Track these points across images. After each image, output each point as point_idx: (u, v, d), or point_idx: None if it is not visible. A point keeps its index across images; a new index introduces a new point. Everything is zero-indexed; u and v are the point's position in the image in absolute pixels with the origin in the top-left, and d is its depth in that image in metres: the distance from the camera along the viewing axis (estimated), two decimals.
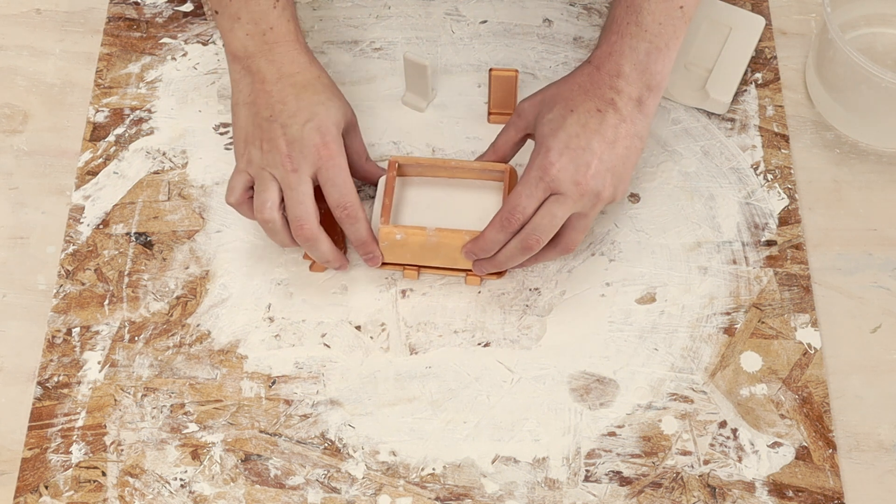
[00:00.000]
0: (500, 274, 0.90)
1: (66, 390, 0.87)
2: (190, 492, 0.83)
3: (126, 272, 0.92)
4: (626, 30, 0.84)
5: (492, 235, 0.84)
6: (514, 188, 0.85)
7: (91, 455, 0.84)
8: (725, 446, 0.84)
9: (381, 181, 0.92)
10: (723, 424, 0.85)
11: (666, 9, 0.84)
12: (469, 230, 0.86)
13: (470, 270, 0.89)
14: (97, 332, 0.89)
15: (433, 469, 0.84)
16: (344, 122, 0.87)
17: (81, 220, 0.94)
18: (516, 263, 0.86)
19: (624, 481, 0.83)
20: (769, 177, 0.96)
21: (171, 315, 0.90)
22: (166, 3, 1.06)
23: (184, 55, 1.03)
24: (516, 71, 0.97)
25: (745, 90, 1.00)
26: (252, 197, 0.86)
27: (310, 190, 0.84)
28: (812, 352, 0.88)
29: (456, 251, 0.86)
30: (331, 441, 0.85)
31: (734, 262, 0.92)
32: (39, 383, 0.87)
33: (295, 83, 0.86)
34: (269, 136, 0.84)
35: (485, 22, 1.05)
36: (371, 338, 0.89)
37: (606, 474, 0.83)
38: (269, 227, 0.85)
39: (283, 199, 0.84)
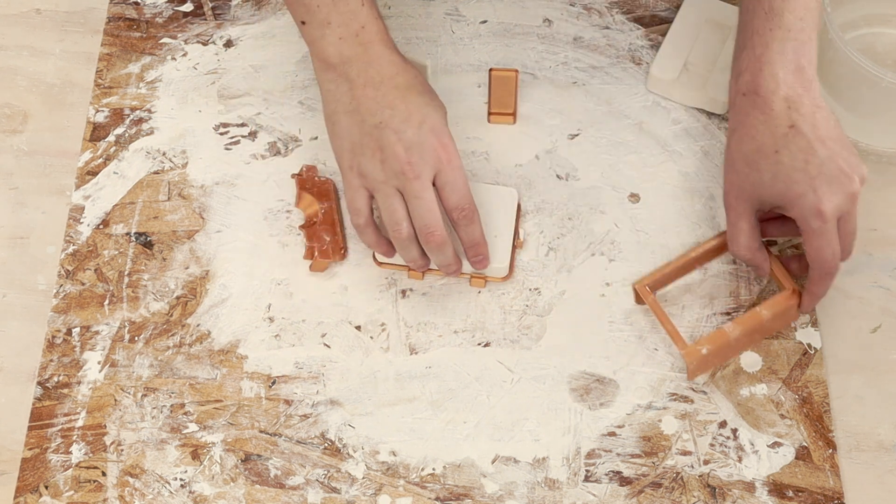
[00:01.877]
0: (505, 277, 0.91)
1: (66, 390, 0.87)
2: (190, 492, 0.83)
3: (126, 272, 0.92)
4: (772, 36, 0.82)
5: (821, 289, 0.83)
6: (810, 248, 0.81)
7: (91, 455, 0.84)
8: (725, 446, 0.84)
9: None
10: (723, 424, 0.85)
11: (805, 2, 0.82)
12: (768, 311, 0.84)
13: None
14: (97, 332, 0.89)
15: (433, 469, 0.84)
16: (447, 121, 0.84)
17: (81, 220, 0.94)
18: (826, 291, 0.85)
19: (624, 481, 0.83)
20: None
21: (171, 315, 0.90)
22: (166, 3, 1.06)
23: (184, 55, 1.03)
24: (516, 71, 0.97)
25: None
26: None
27: (433, 196, 0.81)
28: (812, 352, 0.88)
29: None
30: (331, 441, 0.85)
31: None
32: (39, 383, 0.87)
33: (398, 85, 0.82)
34: (382, 144, 0.80)
35: (485, 22, 1.05)
36: (371, 338, 0.89)
37: (606, 474, 0.83)
38: (403, 246, 0.83)
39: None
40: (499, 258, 0.89)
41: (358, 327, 0.90)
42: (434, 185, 0.82)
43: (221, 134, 0.99)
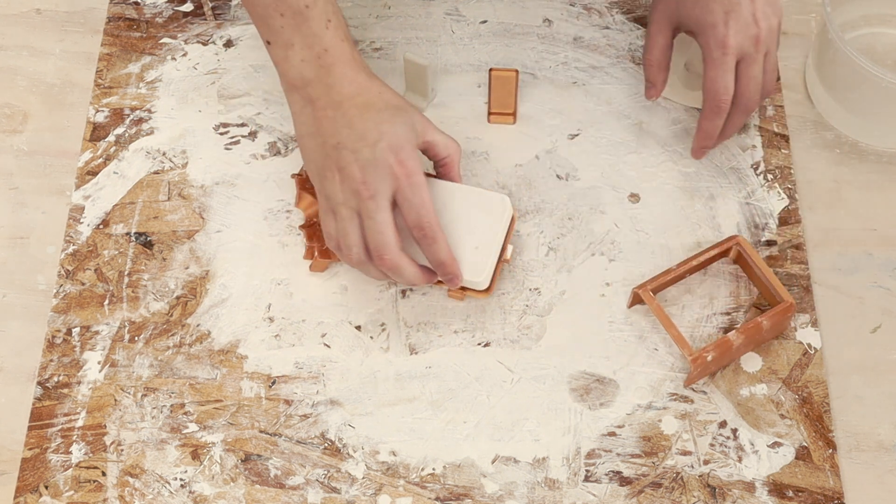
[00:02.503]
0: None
1: (66, 390, 0.87)
2: (190, 492, 0.83)
3: (126, 272, 0.92)
4: None
5: (709, 124, 0.90)
6: (706, 77, 0.88)
7: (91, 455, 0.84)
8: (725, 446, 0.84)
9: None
10: (723, 424, 0.85)
11: None
12: (768, 321, 0.85)
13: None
14: (97, 332, 0.89)
15: (433, 469, 0.84)
16: (416, 135, 0.82)
17: (81, 220, 0.94)
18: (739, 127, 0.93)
19: (624, 481, 0.83)
20: (769, 177, 0.96)
21: (171, 315, 0.90)
22: (166, 3, 1.06)
23: (184, 55, 1.03)
24: (516, 71, 0.97)
25: None
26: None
27: (388, 217, 0.80)
28: (812, 352, 0.88)
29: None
30: (331, 441, 0.85)
31: (734, 263, 0.92)
32: (39, 383, 0.87)
33: (357, 104, 0.81)
34: (340, 165, 0.80)
35: (485, 22, 1.05)
36: (371, 338, 0.89)
37: (606, 474, 0.83)
38: (361, 269, 0.83)
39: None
40: (476, 271, 0.84)
41: (358, 327, 0.90)
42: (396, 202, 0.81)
43: (221, 134, 0.99)
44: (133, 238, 0.94)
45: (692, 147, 0.95)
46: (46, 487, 0.83)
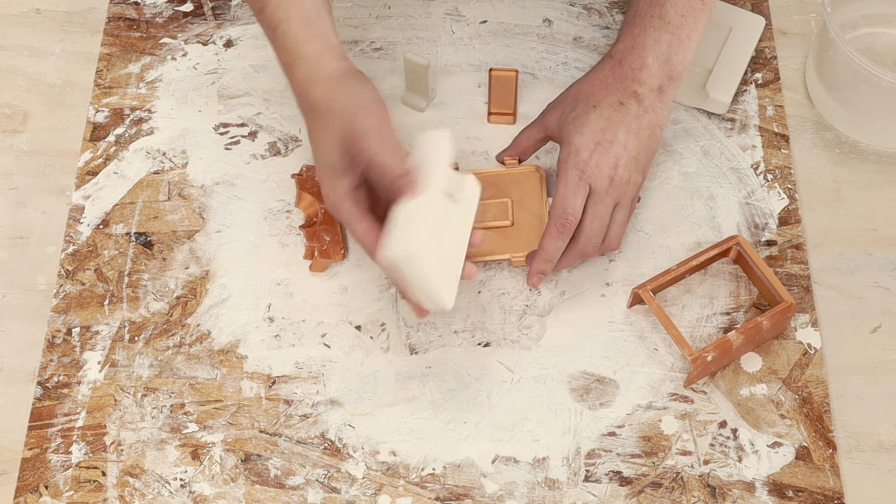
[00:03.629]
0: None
1: (66, 390, 0.87)
2: (190, 492, 0.83)
3: (126, 272, 0.92)
4: (650, 23, 0.86)
5: (551, 244, 0.86)
6: (556, 194, 0.86)
7: (91, 455, 0.84)
8: (725, 446, 0.84)
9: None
10: (723, 424, 0.85)
11: (689, 1, 0.86)
12: (768, 321, 0.85)
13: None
14: (97, 332, 0.89)
15: (433, 469, 0.84)
16: (343, 147, 0.77)
17: (81, 220, 0.94)
18: (572, 265, 0.90)
19: (624, 481, 0.83)
20: (769, 177, 0.96)
21: (171, 315, 0.90)
22: (166, 3, 1.06)
23: (184, 55, 1.03)
24: (516, 71, 0.97)
25: (745, 90, 1.00)
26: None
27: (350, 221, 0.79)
28: (812, 352, 0.88)
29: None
30: (331, 441, 0.85)
31: (734, 263, 0.92)
32: (39, 383, 0.87)
33: (304, 110, 0.81)
34: None
35: (485, 22, 1.05)
36: (371, 338, 0.89)
37: (606, 474, 0.83)
38: None
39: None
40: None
41: (358, 327, 0.90)
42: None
43: (221, 134, 0.99)
44: (133, 238, 0.94)
45: (528, 272, 0.89)
46: (46, 487, 0.83)
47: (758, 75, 1.01)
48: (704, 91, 0.97)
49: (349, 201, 0.78)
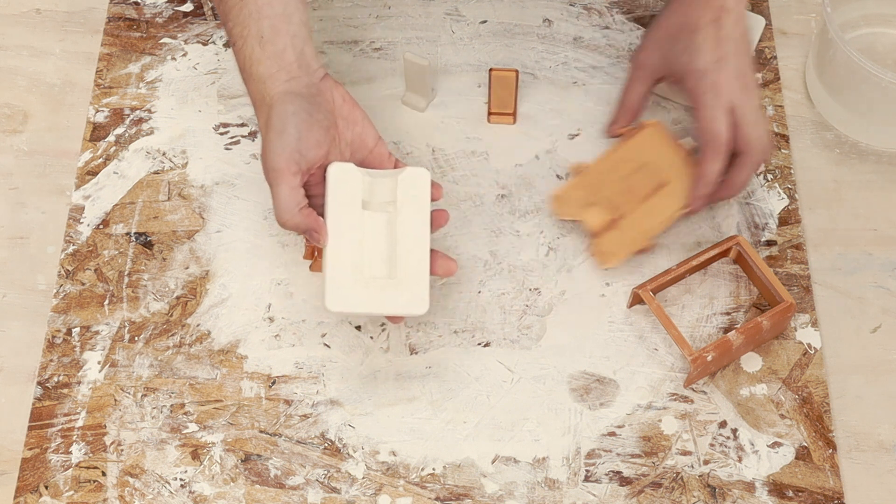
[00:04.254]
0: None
1: (66, 390, 0.87)
2: (190, 492, 0.83)
3: (126, 272, 0.92)
4: None
5: (711, 168, 0.88)
6: (701, 120, 0.88)
7: (91, 455, 0.84)
8: (725, 446, 0.84)
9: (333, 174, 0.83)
10: (723, 424, 0.85)
11: None
12: (768, 321, 0.85)
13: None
14: (97, 332, 0.89)
15: (433, 469, 0.84)
16: (288, 159, 0.80)
17: (81, 220, 0.94)
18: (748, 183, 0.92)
19: (624, 481, 0.83)
20: (769, 177, 0.96)
21: (171, 315, 0.90)
22: (166, 3, 1.06)
23: (184, 55, 1.03)
24: (516, 71, 0.97)
25: None
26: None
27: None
28: (812, 352, 0.88)
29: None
30: (331, 441, 0.85)
31: (734, 263, 0.92)
32: (39, 383, 0.87)
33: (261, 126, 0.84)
34: None
35: (485, 22, 1.05)
36: (371, 338, 0.89)
37: (606, 474, 0.83)
38: None
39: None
40: (416, 303, 0.81)
41: (358, 327, 0.90)
42: None
43: (221, 134, 0.99)
44: (133, 238, 0.94)
45: (690, 197, 0.90)
46: (46, 487, 0.83)
47: (758, 75, 1.01)
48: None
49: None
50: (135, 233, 0.94)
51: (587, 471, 0.83)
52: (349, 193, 0.82)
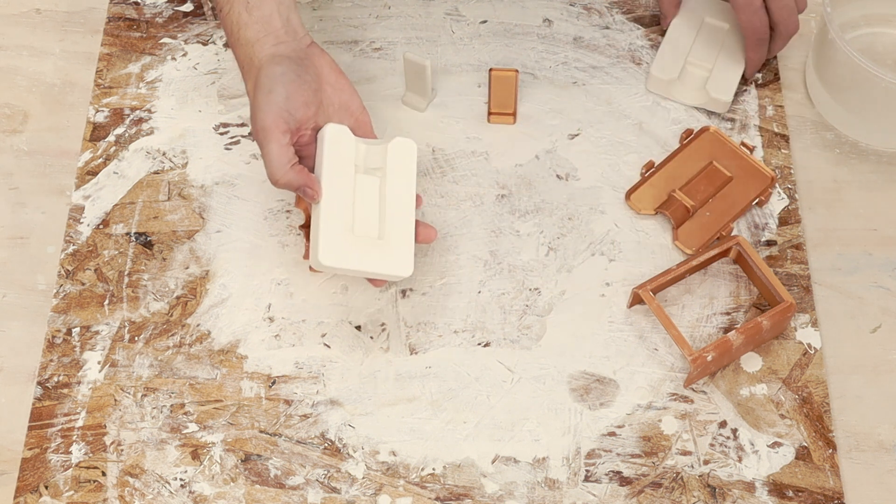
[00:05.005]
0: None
1: (66, 390, 0.87)
2: (190, 492, 0.83)
3: (126, 272, 0.92)
4: None
5: (757, 55, 0.97)
6: (739, 10, 0.94)
7: (91, 455, 0.84)
8: (725, 446, 0.84)
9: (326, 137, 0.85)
10: (723, 424, 0.85)
11: None
12: (768, 321, 0.86)
13: None
14: (97, 332, 0.89)
15: (433, 469, 0.84)
16: (277, 117, 0.82)
17: (81, 220, 0.94)
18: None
19: (624, 481, 0.83)
20: None
21: (171, 315, 0.90)
22: (166, 3, 1.06)
23: (184, 55, 1.03)
24: (516, 71, 0.97)
25: (746, 90, 1.00)
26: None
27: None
28: (812, 352, 0.88)
29: None
30: (331, 441, 0.85)
31: (734, 263, 0.92)
32: (39, 383, 0.87)
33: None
34: None
35: (485, 22, 1.05)
36: (371, 338, 0.89)
37: (606, 474, 0.83)
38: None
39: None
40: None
41: (358, 327, 0.90)
42: None
43: (221, 134, 0.99)
44: (133, 238, 0.94)
45: (745, 73, 0.99)
46: (46, 487, 0.83)
47: (758, 75, 1.01)
48: (705, 91, 0.97)
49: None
50: (135, 233, 0.94)
51: (587, 471, 0.83)
52: (342, 155, 0.84)
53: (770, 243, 0.93)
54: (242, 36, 0.85)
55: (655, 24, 1.04)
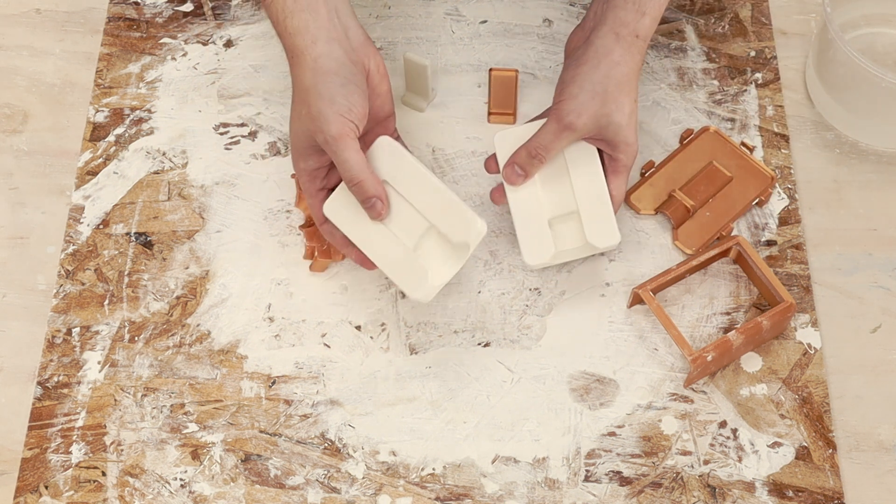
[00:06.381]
0: None
1: (66, 390, 0.87)
2: (190, 492, 0.83)
3: (126, 272, 0.92)
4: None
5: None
6: (619, 184, 0.87)
7: (91, 455, 0.84)
8: (725, 446, 0.84)
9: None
10: (723, 424, 0.85)
11: None
12: (768, 321, 0.85)
13: None
14: (97, 332, 0.89)
15: (433, 469, 0.84)
16: (308, 139, 0.82)
17: (81, 220, 0.94)
18: None
19: (624, 481, 0.83)
20: None
21: (171, 315, 0.90)
22: (166, 3, 1.06)
23: (184, 55, 1.03)
24: (516, 71, 0.97)
25: (746, 90, 1.00)
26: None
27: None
28: (812, 352, 0.88)
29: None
30: (331, 441, 0.85)
31: (734, 263, 0.92)
32: (39, 383, 0.87)
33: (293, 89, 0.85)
34: None
35: (485, 22, 1.05)
36: (371, 338, 0.89)
37: (606, 474, 0.83)
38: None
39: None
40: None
41: (358, 327, 0.90)
42: None
43: (221, 134, 0.99)
44: (133, 238, 0.94)
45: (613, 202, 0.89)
46: (46, 487, 0.83)
47: (758, 75, 1.01)
48: (589, 244, 0.87)
49: (306, 177, 0.85)
50: (135, 233, 0.94)
51: (587, 471, 0.83)
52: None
53: (770, 243, 0.93)
54: (290, 25, 0.83)
55: None
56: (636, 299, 0.89)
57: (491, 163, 0.90)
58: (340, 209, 0.84)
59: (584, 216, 0.86)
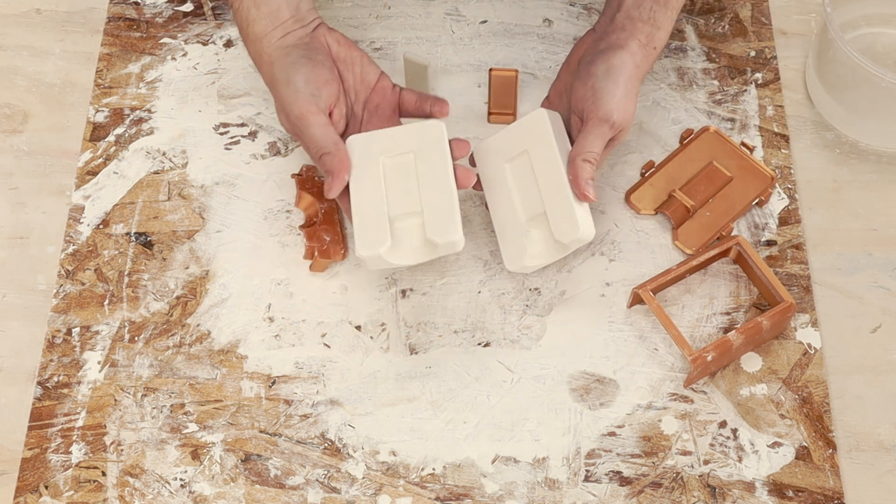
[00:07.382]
0: None
1: (66, 390, 0.87)
2: (190, 492, 0.83)
3: (126, 272, 0.92)
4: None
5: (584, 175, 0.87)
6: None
7: (91, 455, 0.84)
8: (725, 446, 0.84)
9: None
10: (723, 424, 0.85)
11: None
12: (768, 321, 0.85)
13: None
14: (97, 332, 0.89)
15: (433, 469, 0.84)
16: (288, 120, 0.86)
17: (81, 220, 0.94)
18: None
19: (624, 481, 0.83)
20: None
21: (171, 315, 0.90)
22: (166, 3, 1.06)
23: (184, 55, 1.03)
24: (516, 71, 0.97)
25: (746, 90, 1.00)
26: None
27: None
28: (812, 352, 0.88)
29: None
30: (331, 441, 0.85)
31: (734, 263, 0.92)
32: (39, 383, 0.87)
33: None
34: None
35: (485, 22, 1.05)
36: (371, 338, 0.89)
37: (606, 474, 0.83)
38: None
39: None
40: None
41: (358, 327, 0.90)
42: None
43: (221, 134, 0.99)
44: (133, 238, 0.94)
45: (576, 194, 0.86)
46: (46, 487, 0.83)
47: (758, 75, 1.01)
48: (559, 243, 0.85)
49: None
50: (135, 233, 0.94)
51: (587, 471, 0.83)
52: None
53: (770, 243, 0.93)
54: (252, 32, 0.87)
55: None
56: (636, 299, 0.89)
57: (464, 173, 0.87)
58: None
59: (550, 214, 0.85)
